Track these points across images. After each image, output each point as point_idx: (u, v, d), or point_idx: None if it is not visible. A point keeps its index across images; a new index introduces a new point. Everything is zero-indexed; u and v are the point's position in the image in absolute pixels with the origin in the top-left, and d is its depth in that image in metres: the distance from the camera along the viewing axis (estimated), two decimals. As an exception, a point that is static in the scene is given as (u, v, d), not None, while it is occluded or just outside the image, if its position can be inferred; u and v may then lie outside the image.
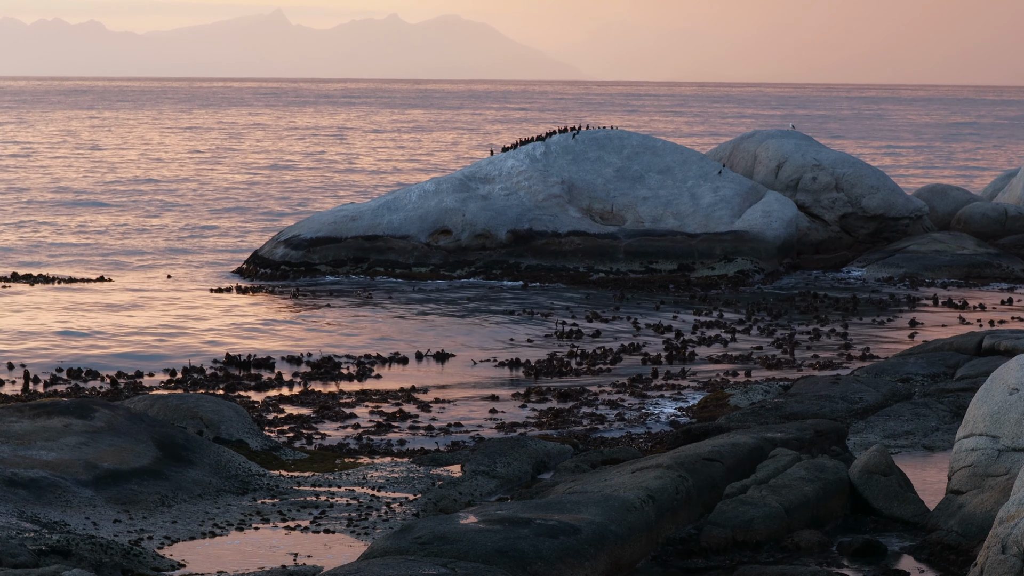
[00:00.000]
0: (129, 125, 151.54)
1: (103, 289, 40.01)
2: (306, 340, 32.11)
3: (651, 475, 16.99)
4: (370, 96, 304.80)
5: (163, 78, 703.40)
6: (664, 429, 23.56)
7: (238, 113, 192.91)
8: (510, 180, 44.87)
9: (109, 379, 27.15)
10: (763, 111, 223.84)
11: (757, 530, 16.58)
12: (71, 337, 32.01)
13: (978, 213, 49.62)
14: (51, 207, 64.55)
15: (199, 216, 62.15)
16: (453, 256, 43.15)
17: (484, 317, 35.81)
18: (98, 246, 51.21)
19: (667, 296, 39.99)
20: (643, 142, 47.34)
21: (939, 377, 25.89)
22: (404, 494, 18.66)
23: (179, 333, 32.87)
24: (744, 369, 28.97)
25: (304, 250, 43.03)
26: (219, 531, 17.01)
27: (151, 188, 75.39)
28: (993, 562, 13.81)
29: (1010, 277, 43.96)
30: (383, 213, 43.79)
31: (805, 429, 20.79)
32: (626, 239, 43.71)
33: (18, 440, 18.27)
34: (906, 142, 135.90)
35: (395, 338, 32.53)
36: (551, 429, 23.46)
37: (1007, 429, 16.42)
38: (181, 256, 48.78)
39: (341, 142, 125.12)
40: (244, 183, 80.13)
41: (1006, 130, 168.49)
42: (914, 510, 17.64)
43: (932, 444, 21.53)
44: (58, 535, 15.38)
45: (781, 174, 48.05)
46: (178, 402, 21.35)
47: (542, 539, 14.74)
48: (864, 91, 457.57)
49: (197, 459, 19.08)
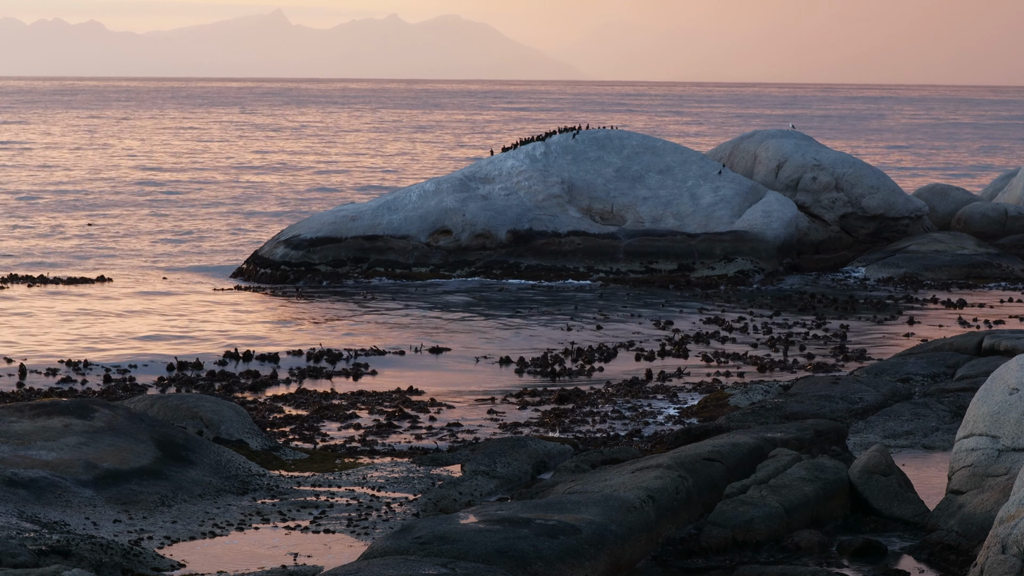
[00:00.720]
0: (128, 125, 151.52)
1: (103, 289, 40.00)
2: (306, 340, 32.11)
3: (651, 475, 16.99)
4: (370, 96, 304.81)
5: (163, 78, 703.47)
6: (662, 429, 23.54)
7: (238, 113, 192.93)
8: (510, 180, 44.88)
9: (107, 379, 27.13)
10: (763, 111, 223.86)
11: (757, 530, 16.58)
12: (70, 336, 32.00)
13: (978, 213, 49.62)
14: (50, 207, 64.54)
15: (199, 216, 62.15)
16: (453, 256, 43.15)
17: (484, 317, 35.81)
18: (97, 246, 51.20)
19: (668, 294, 40.00)
20: (643, 142, 47.35)
21: (939, 377, 25.88)
22: (404, 494, 18.66)
23: (178, 333, 32.87)
24: (736, 371, 28.88)
25: (304, 250, 43.03)
26: (219, 531, 17.01)
27: (151, 188, 75.39)
28: (993, 562, 13.81)
29: (1010, 277, 43.96)
30: (383, 213, 43.80)
31: (805, 429, 20.79)
32: (626, 239, 43.72)
33: (18, 440, 18.27)
34: (906, 142, 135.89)
35: (394, 338, 32.52)
36: (554, 431, 23.44)
37: (1007, 429, 16.42)
38: (181, 256, 48.77)
39: (341, 142, 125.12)
40: (244, 183, 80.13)
41: (1006, 130, 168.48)
42: (914, 510, 17.64)
43: (932, 444, 21.53)
44: (58, 535, 15.38)
45: (781, 174, 48.05)
46: (178, 402, 21.35)
47: (542, 539, 14.74)
48: (864, 91, 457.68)
49: (197, 459, 19.08)
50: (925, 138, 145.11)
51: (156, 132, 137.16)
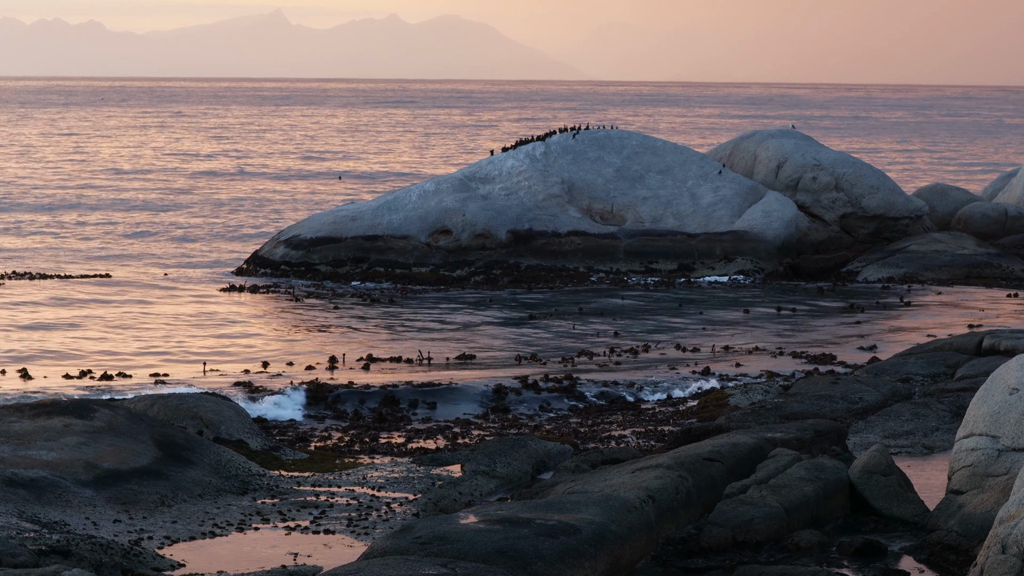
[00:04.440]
0: (128, 125, 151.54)
1: (102, 289, 39.97)
2: (306, 340, 32.08)
3: (651, 475, 16.99)
4: (370, 96, 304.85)
5: (163, 78, 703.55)
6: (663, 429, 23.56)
7: (238, 113, 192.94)
8: (510, 180, 44.88)
9: (105, 378, 27.11)
10: (763, 111, 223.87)
11: (757, 530, 16.58)
12: (70, 337, 31.99)
13: (978, 213, 49.61)
14: (49, 207, 64.53)
15: (199, 216, 62.14)
16: (453, 256, 43.15)
17: (485, 317, 35.80)
18: (97, 246, 51.20)
19: (669, 293, 40.00)
20: (643, 142, 47.35)
21: (939, 377, 25.89)
22: (404, 494, 18.66)
23: (178, 333, 32.85)
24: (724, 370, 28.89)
25: (304, 250, 43.03)
26: (219, 531, 17.01)
27: (151, 188, 75.37)
28: (993, 562, 13.81)
29: (1010, 277, 43.94)
30: (383, 213, 43.80)
31: (805, 429, 20.79)
32: (626, 239, 43.72)
33: (18, 440, 18.27)
34: (906, 142, 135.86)
35: (394, 338, 32.51)
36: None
37: (1007, 429, 16.41)
38: (181, 256, 48.75)
39: (341, 142, 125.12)
40: (244, 183, 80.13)
41: (1006, 130, 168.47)
42: (914, 510, 17.64)
43: (932, 444, 21.53)
44: (58, 535, 15.38)
45: (781, 174, 48.04)
46: (178, 402, 21.36)
47: (542, 539, 14.74)
48: (864, 91, 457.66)
49: (197, 459, 19.08)
50: (925, 138, 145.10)
51: (155, 131, 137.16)
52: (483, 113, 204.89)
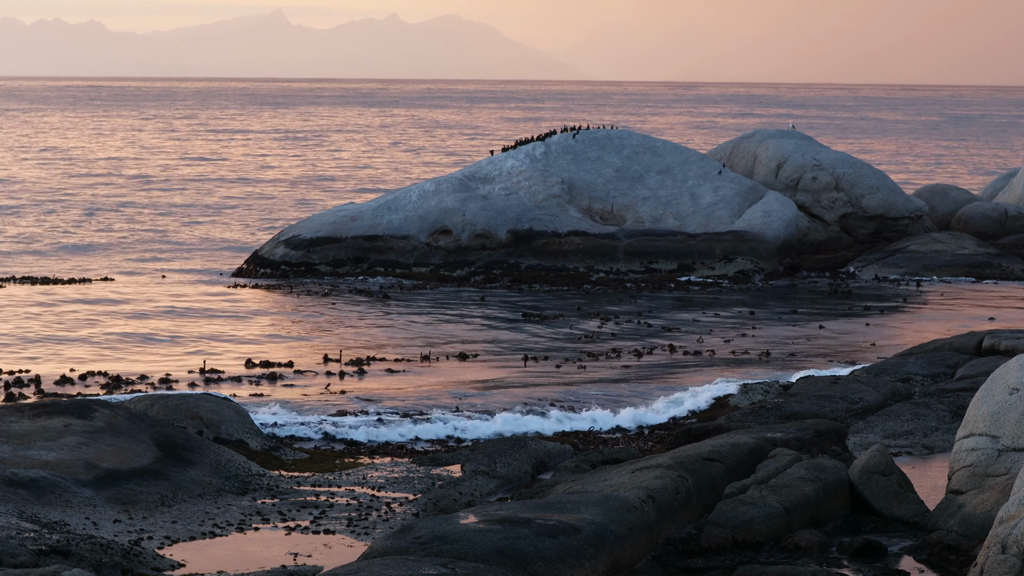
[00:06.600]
0: (128, 125, 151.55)
1: (102, 289, 39.97)
2: (306, 340, 32.10)
3: (651, 475, 16.99)
4: (370, 96, 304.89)
5: (163, 78, 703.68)
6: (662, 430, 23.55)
7: (238, 113, 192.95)
8: (510, 180, 44.88)
9: (103, 379, 27.11)
10: (763, 111, 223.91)
11: (757, 530, 16.58)
12: (69, 336, 31.99)
13: (978, 213, 49.62)
14: (48, 208, 64.52)
15: (199, 216, 62.14)
16: (453, 256, 43.15)
17: (484, 317, 35.81)
18: (97, 246, 51.19)
19: (667, 294, 40.01)
20: (643, 142, 47.35)
21: (939, 377, 25.89)
22: (404, 494, 18.66)
23: (178, 333, 32.86)
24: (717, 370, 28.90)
25: (304, 250, 43.03)
26: (219, 531, 17.01)
27: (150, 188, 75.37)
28: (993, 562, 13.81)
29: (1010, 277, 43.97)
30: (383, 213, 43.80)
31: (805, 429, 20.79)
32: (626, 239, 43.72)
33: (18, 440, 18.28)
34: (906, 142, 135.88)
35: (393, 338, 32.52)
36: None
37: (1007, 429, 16.42)
38: (181, 256, 48.74)
39: (341, 142, 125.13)
40: (243, 183, 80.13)
41: (1007, 130, 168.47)
42: (914, 510, 17.64)
43: (932, 444, 21.53)
44: (58, 535, 15.38)
45: (781, 174, 48.05)
46: (178, 402, 21.36)
47: (542, 539, 14.74)
48: (864, 91, 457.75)
49: (197, 459, 19.08)
50: (925, 138, 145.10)
51: (155, 132, 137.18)
52: (482, 113, 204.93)
